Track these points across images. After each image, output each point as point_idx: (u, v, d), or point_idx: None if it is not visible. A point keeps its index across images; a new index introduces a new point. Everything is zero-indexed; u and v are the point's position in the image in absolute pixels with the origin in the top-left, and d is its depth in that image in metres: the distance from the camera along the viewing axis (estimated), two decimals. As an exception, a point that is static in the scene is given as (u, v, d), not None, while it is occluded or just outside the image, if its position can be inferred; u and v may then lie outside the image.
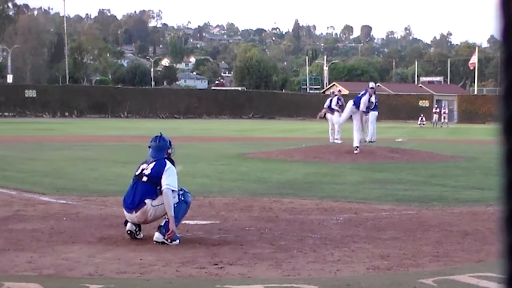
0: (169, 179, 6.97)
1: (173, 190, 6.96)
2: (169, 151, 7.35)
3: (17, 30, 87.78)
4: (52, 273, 5.62)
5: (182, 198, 7.07)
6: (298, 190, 11.38)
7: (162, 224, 6.92)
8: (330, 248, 6.72)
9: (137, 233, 7.08)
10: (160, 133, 7.58)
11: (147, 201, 6.98)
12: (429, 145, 25.42)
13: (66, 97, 64.79)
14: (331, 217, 8.64)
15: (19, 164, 15.61)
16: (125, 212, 7.13)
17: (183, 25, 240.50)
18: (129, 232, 7.08)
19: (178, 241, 6.84)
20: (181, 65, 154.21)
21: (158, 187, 6.99)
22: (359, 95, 18.75)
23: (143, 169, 7.17)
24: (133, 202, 7.04)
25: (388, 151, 19.07)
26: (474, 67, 79.20)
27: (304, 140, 27.30)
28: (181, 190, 7.13)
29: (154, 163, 7.16)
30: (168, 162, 7.16)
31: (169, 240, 6.81)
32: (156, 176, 7.02)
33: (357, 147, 18.21)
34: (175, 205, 6.95)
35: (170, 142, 7.46)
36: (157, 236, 6.86)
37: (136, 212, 7.00)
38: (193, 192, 7.78)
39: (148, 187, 7.03)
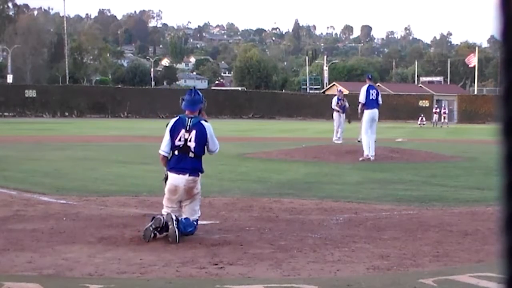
0: (215, 145, 7.36)
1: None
2: (201, 106, 7.48)
3: (17, 30, 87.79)
4: (52, 273, 5.62)
5: (195, 224, 7.22)
6: (298, 190, 11.37)
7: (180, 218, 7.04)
8: (330, 248, 6.71)
9: (158, 228, 6.90)
10: (194, 87, 7.93)
11: (199, 176, 7.26)
12: (429, 145, 25.41)
13: (66, 97, 64.75)
14: (331, 217, 8.63)
15: (19, 164, 15.60)
16: (173, 175, 7.18)
17: (183, 25, 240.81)
18: (158, 219, 6.87)
19: (179, 230, 6.86)
20: (181, 65, 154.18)
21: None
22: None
23: (186, 140, 7.21)
24: (187, 165, 7.17)
25: (388, 151, 19.05)
26: (474, 65, 79.22)
27: (304, 140, 27.31)
28: (196, 221, 7.27)
29: (194, 132, 7.21)
30: (206, 125, 7.32)
31: (176, 222, 6.85)
32: (201, 150, 7.29)
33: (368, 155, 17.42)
34: (194, 223, 7.15)
35: (203, 97, 7.59)
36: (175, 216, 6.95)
37: (189, 176, 7.15)
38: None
39: (196, 161, 7.25)
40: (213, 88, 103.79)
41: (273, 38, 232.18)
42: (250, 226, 7.92)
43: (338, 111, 24.61)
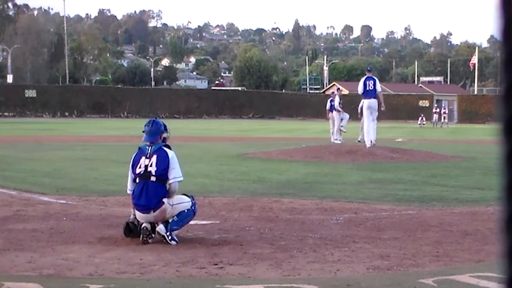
0: (175, 172, 7.05)
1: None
2: (164, 135, 7.28)
3: (17, 30, 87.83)
4: (52, 273, 5.62)
5: (193, 208, 7.11)
6: (298, 190, 11.37)
7: (170, 220, 6.95)
8: (330, 248, 6.71)
9: (150, 235, 6.91)
10: (155, 117, 7.64)
11: (164, 200, 6.99)
12: (429, 145, 25.42)
13: (66, 97, 64.84)
14: (331, 217, 8.63)
15: (19, 164, 15.61)
16: (139, 214, 7.00)
17: (183, 25, 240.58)
18: (144, 228, 6.88)
19: (175, 242, 6.84)
20: (181, 65, 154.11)
21: (166, 182, 7.09)
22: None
23: (146, 166, 7.03)
24: (150, 203, 6.96)
25: (388, 151, 19.05)
26: (474, 67, 79.31)
27: (304, 140, 27.31)
28: (193, 199, 7.21)
29: (155, 156, 7.04)
30: (167, 151, 7.12)
31: (169, 237, 6.82)
32: (164, 174, 7.03)
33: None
34: (186, 211, 7.02)
35: (165, 126, 7.35)
36: (161, 227, 6.86)
37: (154, 212, 6.94)
38: (193, 192, 7.77)
39: (159, 186, 7.03)
40: (213, 88, 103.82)
41: (273, 38, 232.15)
42: (250, 226, 7.93)
43: (339, 111, 24.67)
